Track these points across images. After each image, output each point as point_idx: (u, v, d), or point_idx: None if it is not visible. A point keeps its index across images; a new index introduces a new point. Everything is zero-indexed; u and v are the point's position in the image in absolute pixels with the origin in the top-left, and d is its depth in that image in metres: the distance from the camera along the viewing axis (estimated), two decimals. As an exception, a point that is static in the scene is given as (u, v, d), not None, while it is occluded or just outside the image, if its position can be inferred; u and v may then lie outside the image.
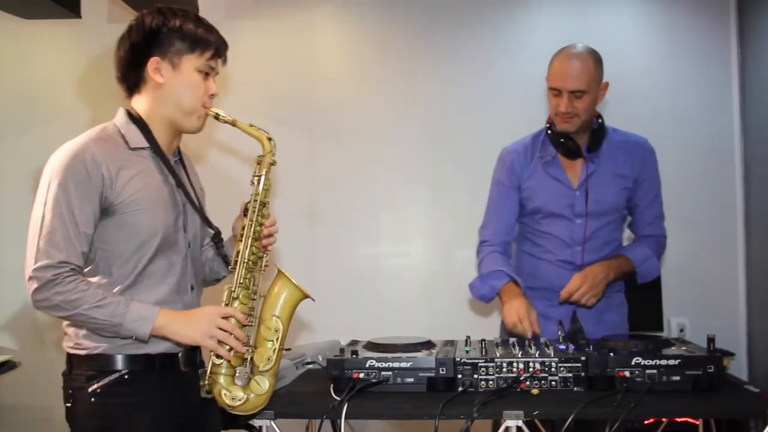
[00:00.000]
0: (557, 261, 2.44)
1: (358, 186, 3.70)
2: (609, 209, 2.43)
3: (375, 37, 3.71)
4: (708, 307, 3.51)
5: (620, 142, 2.45)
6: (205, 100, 1.81)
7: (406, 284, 3.66)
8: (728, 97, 3.54)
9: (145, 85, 1.79)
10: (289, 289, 1.82)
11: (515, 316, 2.18)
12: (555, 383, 1.91)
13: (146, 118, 1.79)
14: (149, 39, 1.76)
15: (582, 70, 2.29)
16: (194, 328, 1.70)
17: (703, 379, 1.87)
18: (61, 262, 1.62)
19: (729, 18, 3.55)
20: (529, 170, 2.46)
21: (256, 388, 1.76)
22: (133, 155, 1.75)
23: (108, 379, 1.69)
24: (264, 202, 1.86)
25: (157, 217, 1.74)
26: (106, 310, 1.63)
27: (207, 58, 1.79)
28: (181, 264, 1.81)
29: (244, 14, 3.74)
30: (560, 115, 2.33)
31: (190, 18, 1.80)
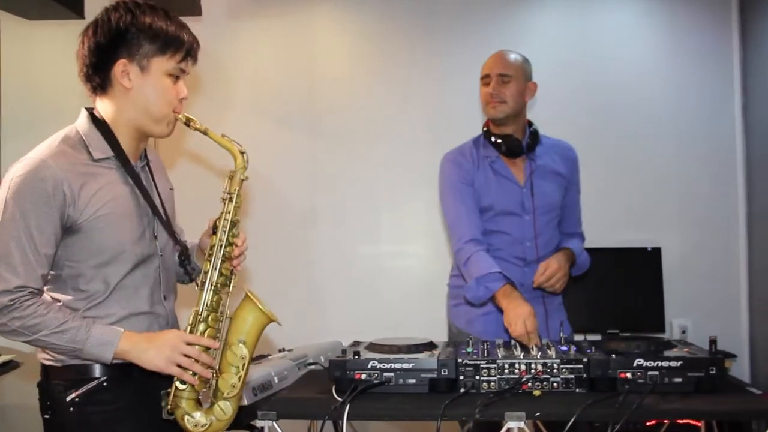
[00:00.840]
0: (509, 257, 2.49)
1: (360, 186, 3.70)
2: (553, 205, 2.55)
3: (376, 37, 3.71)
4: (710, 308, 3.51)
5: (552, 145, 2.60)
6: (175, 104, 1.72)
7: (408, 285, 3.66)
8: (730, 96, 3.54)
9: (111, 87, 1.68)
10: (255, 313, 1.73)
11: (522, 328, 2.16)
12: (557, 384, 1.91)
13: (111, 121, 1.70)
14: (116, 39, 1.65)
15: (509, 60, 2.52)
16: (158, 355, 1.62)
17: (705, 381, 1.87)
18: (18, 287, 1.55)
19: (731, 17, 3.55)
20: (478, 170, 2.53)
21: (219, 413, 1.69)
22: (96, 167, 1.66)
23: (86, 387, 1.64)
24: (235, 221, 1.76)
25: (125, 232, 1.67)
26: (66, 335, 1.57)
27: (178, 61, 1.69)
28: (154, 275, 1.76)
29: (246, 14, 3.74)
30: (490, 100, 2.48)
31: (160, 15, 1.68)
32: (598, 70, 3.62)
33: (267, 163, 3.61)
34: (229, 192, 1.76)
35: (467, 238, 2.46)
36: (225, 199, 1.76)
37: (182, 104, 1.74)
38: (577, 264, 2.55)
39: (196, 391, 1.69)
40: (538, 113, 3.45)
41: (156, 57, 1.67)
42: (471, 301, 2.42)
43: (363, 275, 3.67)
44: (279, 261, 3.65)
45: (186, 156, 3.67)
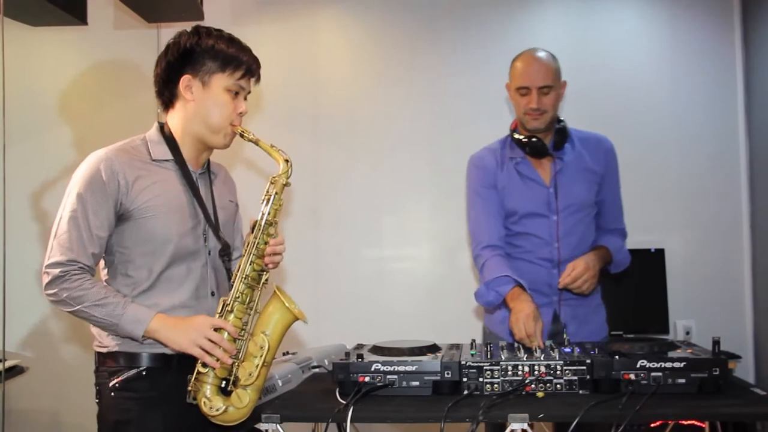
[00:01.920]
0: (537, 259, 2.46)
1: (363, 189, 3.71)
2: (581, 204, 2.47)
3: (379, 40, 3.72)
4: (714, 309, 3.50)
5: (583, 140, 2.53)
6: (233, 118, 1.88)
7: (411, 288, 3.66)
8: (733, 97, 3.54)
9: (177, 101, 1.88)
10: (282, 310, 1.84)
11: (522, 331, 2.15)
12: (560, 386, 1.91)
13: (176, 132, 1.89)
14: (183, 58, 1.84)
15: (547, 67, 2.41)
16: (183, 336, 1.74)
17: (709, 382, 1.87)
18: (70, 260, 1.72)
19: (733, 18, 3.55)
20: (503, 172, 2.49)
21: (236, 401, 1.77)
22: (154, 166, 1.84)
23: (126, 375, 1.79)
24: (271, 221, 1.88)
25: (172, 224, 1.82)
26: (104, 309, 1.72)
27: (237, 78, 1.87)
28: (200, 271, 1.88)
29: (249, 19, 3.76)
30: (530, 113, 2.41)
31: (224, 38, 1.87)
32: (600, 71, 3.62)
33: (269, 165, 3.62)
34: (269, 194, 1.90)
35: (484, 243, 2.46)
36: (264, 200, 1.89)
37: (240, 118, 1.91)
38: (615, 261, 2.47)
39: (218, 377, 1.76)
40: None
41: (217, 74, 1.85)
42: (483, 305, 2.41)
43: (366, 278, 3.68)
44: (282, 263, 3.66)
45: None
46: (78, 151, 3.69)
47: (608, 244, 2.48)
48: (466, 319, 3.55)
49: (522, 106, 2.42)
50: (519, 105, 2.44)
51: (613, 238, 2.53)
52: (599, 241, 2.52)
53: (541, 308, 2.41)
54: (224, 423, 1.78)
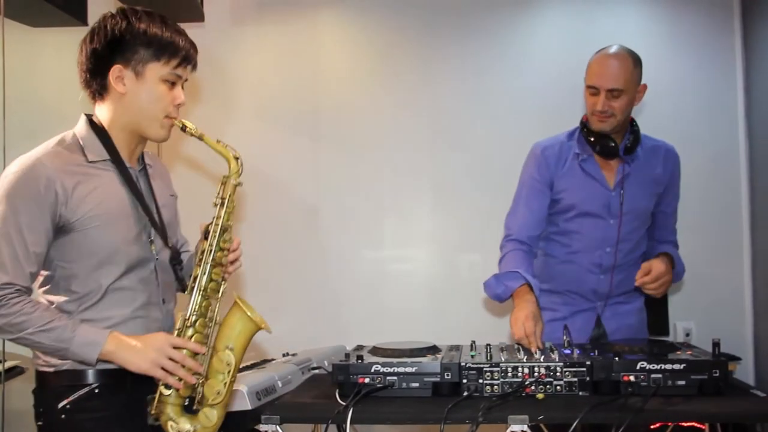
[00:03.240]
0: (585, 263, 2.41)
1: (363, 190, 3.71)
2: (642, 212, 2.42)
3: (379, 42, 3.72)
4: (714, 311, 3.50)
5: (653, 147, 2.46)
6: (170, 110, 1.72)
7: (411, 289, 3.66)
8: (733, 100, 3.54)
9: (108, 93, 1.71)
10: (245, 320, 1.71)
11: (521, 330, 2.15)
12: (560, 388, 1.91)
13: (108, 126, 1.72)
14: (112, 45, 1.66)
15: (620, 69, 2.29)
16: (143, 357, 1.61)
17: (709, 384, 1.87)
18: (5, 283, 1.56)
19: (733, 19, 3.55)
20: (564, 167, 2.42)
21: (204, 420, 1.67)
22: (91, 168, 1.68)
23: (78, 394, 1.65)
24: (226, 226, 1.75)
25: (119, 233, 1.68)
26: (51, 334, 1.57)
27: (173, 66, 1.70)
28: (150, 278, 1.75)
29: (249, 20, 3.75)
30: (596, 114, 2.33)
31: (156, 21, 1.69)
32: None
33: (270, 167, 3.63)
34: (222, 197, 1.75)
35: (513, 236, 2.43)
36: (217, 204, 1.75)
37: (178, 110, 1.74)
38: (676, 271, 2.40)
39: (182, 396, 1.66)
40: (540, 115, 3.47)
41: (151, 63, 1.68)
42: (491, 298, 2.38)
43: (366, 279, 3.68)
44: (282, 265, 3.66)
45: (185, 162, 3.68)
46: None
47: (672, 252, 2.43)
48: (466, 321, 3.55)
49: (590, 105, 2.34)
50: (588, 103, 2.36)
51: (671, 248, 2.48)
52: (659, 249, 2.46)
53: (584, 313, 2.43)
54: None
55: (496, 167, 3.54)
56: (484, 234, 3.43)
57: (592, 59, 2.36)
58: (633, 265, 2.43)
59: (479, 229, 3.55)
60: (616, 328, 2.43)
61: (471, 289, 2.57)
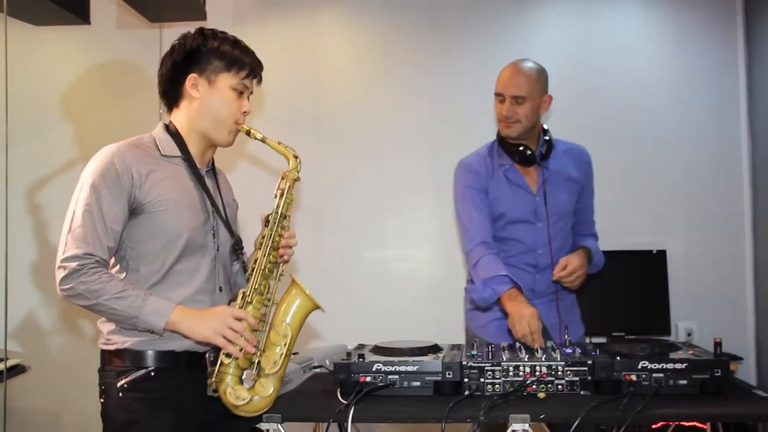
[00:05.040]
0: (521, 264, 2.51)
1: (365, 190, 3.71)
2: (565, 212, 2.55)
3: (381, 42, 3.72)
4: (716, 311, 3.50)
5: (566, 150, 2.60)
6: (237, 116, 1.92)
7: (413, 288, 3.67)
8: (735, 99, 3.54)
9: (183, 99, 1.91)
10: (302, 298, 1.88)
11: (525, 328, 2.17)
12: (561, 387, 1.91)
13: (182, 130, 1.92)
14: (189, 57, 1.89)
15: (525, 79, 2.45)
16: (206, 326, 1.76)
17: (711, 383, 1.87)
18: (86, 253, 1.72)
19: (736, 21, 3.55)
20: (493, 177, 2.54)
21: (261, 390, 1.79)
22: (164, 161, 1.87)
23: (135, 375, 1.78)
24: (285, 214, 1.94)
25: (183, 219, 1.83)
26: (124, 302, 1.72)
27: (242, 78, 1.91)
28: (210, 265, 1.89)
29: (251, 20, 3.76)
30: (503, 120, 2.48)
31: (229, 40, 1.92)
32: (602, 72, 3.62)
33: (271, 166, 3.63)
34: (281, 188, 1.95)
35: (478, 240, 2.48)
36: (276, 195, 1.95)
37: (245, 117, 1.95)
38: (593, 262, 2.55)
39: (240, 368, 1.78)
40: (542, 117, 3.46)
41: (222, 73, 1.90)
42: (477, 302, 2.42)
43: (368, 278, 3.68)
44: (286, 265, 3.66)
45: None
46: (81, 150, 3.69)
47: (589, 245, 2.57)
48: (467, 320, 3.55)
49: (497, 112, 2.50)
50: (496, 111, 2.52)
51: (590, 240, 2.62)
52: (579, 242, 2.60)
53: None
54: (247, 414, 1.79)
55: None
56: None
57: (502, 69, 2.51)
58: None
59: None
60: (553, 322, 2.50)
61: (473, 289, 2.57)
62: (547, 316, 2.46)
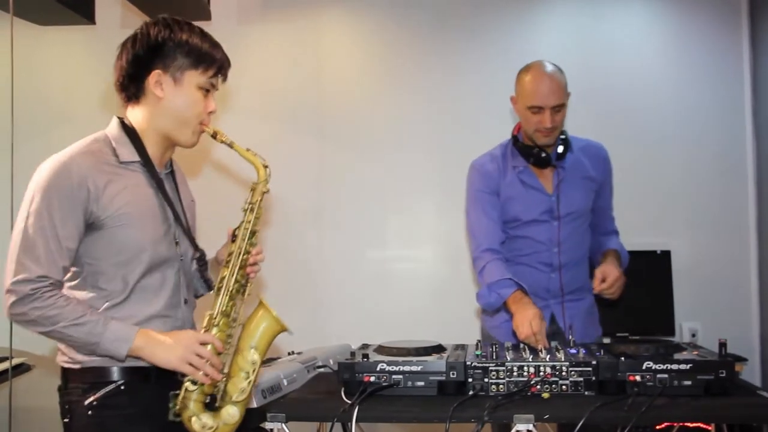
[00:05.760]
0: (536, 263, 2.49)
1: (368, 190, 3.71)
2: (581, 211, 2.52)
3: (384, 41, 3.72)
4: (720, 312, 3.49)
5: (583, 148, 2.56)
6: (203, 117, 1.79)
7: (417, 288, 3.67)
8: (740, 98, 3.53)
9: (144, 96, 1.76)
10: (269, 321, 1.78)
11: (529, 329, 2.17)
12: (566, 387, 1.91)
13: (140, 128, 1.78)
14: (153, 51, 1.73)
15: (558, 85, 2.41)
16: (172, 353, 1.66)
17: (715, 384, 1.86)
18: (40, 276, 1.59)
19: (740, 21, 3.54)
20: (505, 179, 2.52)
21: (227, 417, 1.72)
22: (122, 169, 1.73)
23: (104, 391, 1.67)
24: (254, 230, 1.82)
25: (146, 232, 1.72)
26: (83, 328, 1.61)
27: (210, 76, 1.77)
28: (174, 278, 1.79)
29: (255, 19, 3.76)
30: (543, 131, 2.41)
31: (197, 32, 1.76)
32: (607, 71, 3.61)
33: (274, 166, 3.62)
34: (251, 203, 1.83)
35: (484, 247, 2.47)
36: (246, 209, 1.82)
37: (210, 118, 1.81)
38: (621, 261, 2.52)
39: (205, 393, 1.71)
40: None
41: (189, 70, 1.74)
42: (484, 307, 2.43)
43: (371, 278, 3.68)
44: (287, 264, 3.66)
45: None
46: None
47: (616, 246, 2.54)
48: (471, 320, 3.54)
49: (533, 123, 2.41)
50: (529, 122, 2.43)
51: (614, 240, 2.60)
52: (605, 244, 2.56)
53: None
54: None
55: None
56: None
57: (524, 79, 2.43)
58: (579, 262, 2.54)
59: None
60: (569, 324, 2.46)
61: (476, 288, 2.57)
62: (563, 316, 2.46)
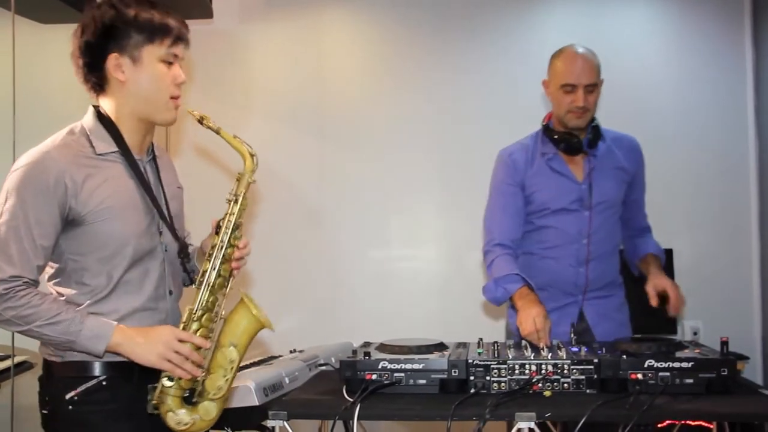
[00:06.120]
0: (564, 256, 2.45)
1: (370, 189, 3.71)
2: (612, 202, 2.48)
3: (386, 41, 3.72)
4: (722, 310, 3.49)
5: (615, 139, 2.53)
6: (172, 90, 1.70)
7: (419, 287, 3.67)
8: (742, 96, 3.53)
9: (108, 84, 1.70)
10: (249, 318, 1.71)
11: (532, 326, 2.16)
12: (567, 385, 1.91)
13: (115, 117, 1.71)
14: (104, 35, 1.66)
15: (592, 64, 2.38)
16: (150, 350, 1.62)
17: (717, 382, 1.86)
18: (13, 276, 1.56)
19: (743, 19, 3.53)
20: (532, 168, 2.47)
21: (204, 413, 1.68)
22: (100, 161, 1.67)
23: (85, 386, 1.65)
24: (238, 223, 1.74)
25: (129, 225, 1.67)
26: (59, 327, 1.58)
27: (168, 46, 1.68)
28: (158, 269, 1.75)
29: (257, 17, 3.76)
30: (575, 111, 2.37)
31: (144, 5, 1.68)
32: (609, 69, 3.54)
33: (277, 164, 3.63)
34: (235, 194, 1.75)
35: (496, 241, 2.45)
36: (230, 200, 1.75)
37: (180, 88, 1.73)
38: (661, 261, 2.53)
39: (183, 388, 1.67)
40: (548, 114, 3.46)
41: (146, 46, 1.66)
42: (490, 301, 2.41)
43: (373, 277, 3.68)
44: (289, 263, 3.67)
45: (196, 153, 3.69)
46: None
47: (653, 250, 2.53)
48: (473, 318, 3.55)
49: (566, 104, 2.38)
50: (561, 103, 2.39)
51: (650, 240, 2.58)
52: (642, 248, 2.55)
53: (566, 307, 2.45)
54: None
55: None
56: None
57: (558, 59, 2.42)
58: (610, 256, 2.51)
59: (486, 227, 3.55)
60: (598, 321, 2.47)
61: (478, 288, 2.56)
62: (593, 313, 2.45)
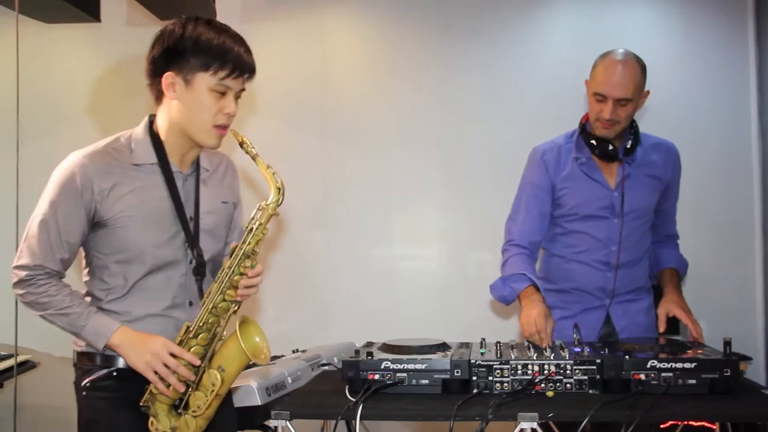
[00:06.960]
0: (592, 261, 2.41)
1: (373, 188, 3.71)
2: (644, 210, 2.42)
3: (389, 40, 3.72)
4: (725, 311, 3.48)
5: (653, 146, 2.45)
6: (218, 119, 1.73)
7: (421, 287, 3.67)
8: (745, 99, 3.52)
9: (163, 97, 1.77)
10: (239, 350, 1.70)
11: (533, 326, 2.16)
12: (570, 386, 1.91)
13: (164, 128, 1.78)
14: (167, 53, 1.72)
15: (630, 79, 2.27)
16: (140, 358, 1.68)
17: (720, 383, 1.86)
18: (36, 265, 1.69)
19: (746, 17, 3.52)
20: (564, 170, 2.41)
21: (184, 426, 1.71)
22: (134, 170, 1.74)
23: (97, 375, 1.75)
24: (249, 252, 1.73)
25: (147, 235, 1.73)
26: (67, 318, 1.70)
27: (222, 78, 1.70)
28: (180, 280, 1.78)
29: (259, 17, 3.77)
30: (601, 121, 2.30)
31: (212, 30, 1.71)
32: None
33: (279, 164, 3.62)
34: (258, 223, 1.74)
35: (514, 241, 2.44)
36: (248, 228, 1.75)
37: (228, 118, 1.75)
38: (681, 276, 2.51)
39: (170, 397, 1.71)
40: (549, 114, 3.45)
41: (200, 72, 1.70)
42: (497, 300, 2.40)
43: (376, 276, 3.68)
44: (292, 263, 3.67)
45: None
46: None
47: (675, 264, 2.51)
48: (475, 318, 3.55)
49: (595, 112, 2.31)
50: (593, 109, 2.33)
51: (674, 252, 2.56)
52: (663, 259, 2.52)
53: (593, 311, 2.42)
54: None
55: (506, 165, 3.51)
56: (493, 232, 3.42)
57: (599, 64, 2.32)
58: (639, 261, 2.46)
59: (489, 227, 3.53)
60: (625, 325, 2.43)
61: (480, 287, 2.56)
62: (619, 317, 2.43)
